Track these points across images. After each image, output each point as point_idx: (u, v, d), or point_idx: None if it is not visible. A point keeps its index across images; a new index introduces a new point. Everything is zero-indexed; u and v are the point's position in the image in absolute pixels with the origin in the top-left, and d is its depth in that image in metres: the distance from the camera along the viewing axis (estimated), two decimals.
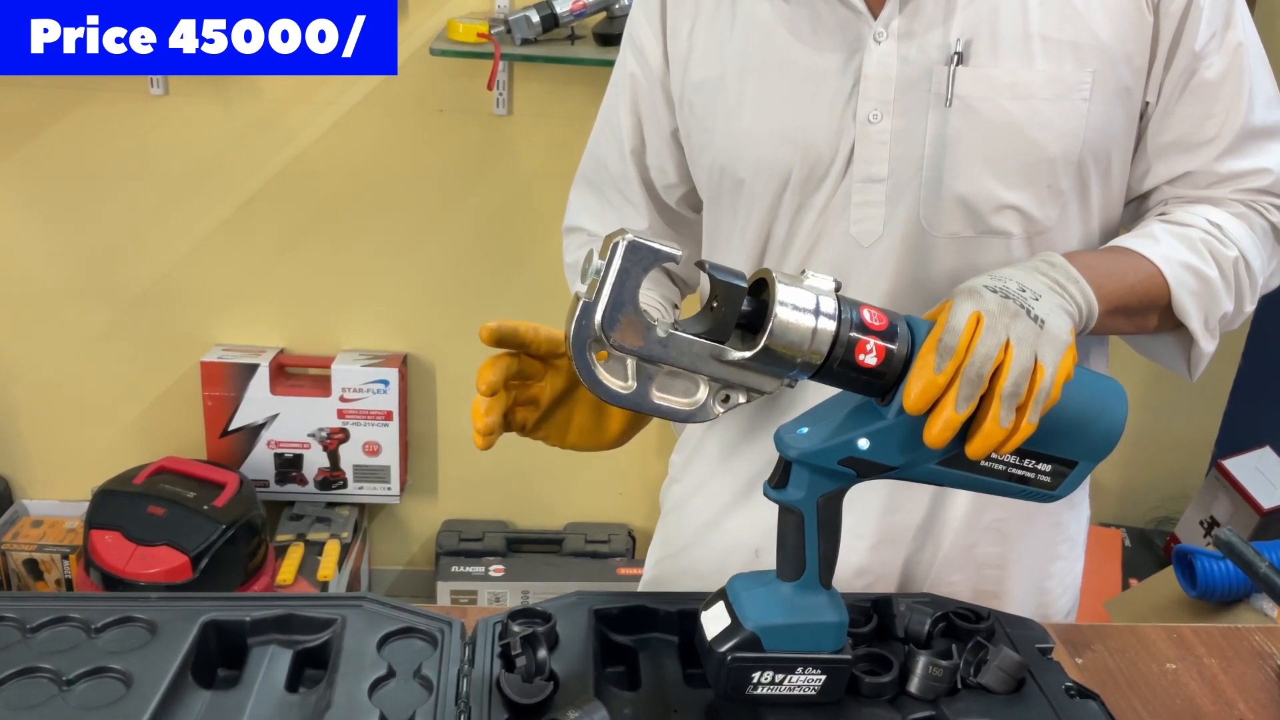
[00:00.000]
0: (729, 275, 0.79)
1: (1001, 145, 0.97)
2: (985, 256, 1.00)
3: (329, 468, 2.59)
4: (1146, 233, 1.01)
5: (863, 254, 1.01)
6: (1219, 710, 1.00)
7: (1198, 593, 1.83)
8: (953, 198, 0.98)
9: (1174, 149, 1.03)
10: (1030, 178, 0.98)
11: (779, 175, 1.02)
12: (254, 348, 2.55)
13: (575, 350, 0.78)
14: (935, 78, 0.96)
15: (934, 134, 0.97)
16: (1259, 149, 1.03)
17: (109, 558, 2.25)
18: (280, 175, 2.43)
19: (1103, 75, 0.97)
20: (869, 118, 0.98)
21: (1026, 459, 0.85)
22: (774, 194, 1.03)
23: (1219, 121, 1.02)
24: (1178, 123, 1.02)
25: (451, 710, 0.85)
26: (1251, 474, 2.43)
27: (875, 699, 0.89)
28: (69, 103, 2.34)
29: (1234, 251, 1.01)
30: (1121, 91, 0.99)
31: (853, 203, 1.00)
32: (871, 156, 0.99)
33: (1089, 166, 1.00)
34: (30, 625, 0.92)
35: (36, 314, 2.52)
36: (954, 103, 0.96)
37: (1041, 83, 0.96)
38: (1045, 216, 1.00)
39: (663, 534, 1.27)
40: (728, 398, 0.82)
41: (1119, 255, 0.99)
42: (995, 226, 0.99)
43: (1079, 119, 0.97)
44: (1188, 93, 1.00)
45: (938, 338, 0.79)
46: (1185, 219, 1.03)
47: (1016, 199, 0.98)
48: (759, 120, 1.02)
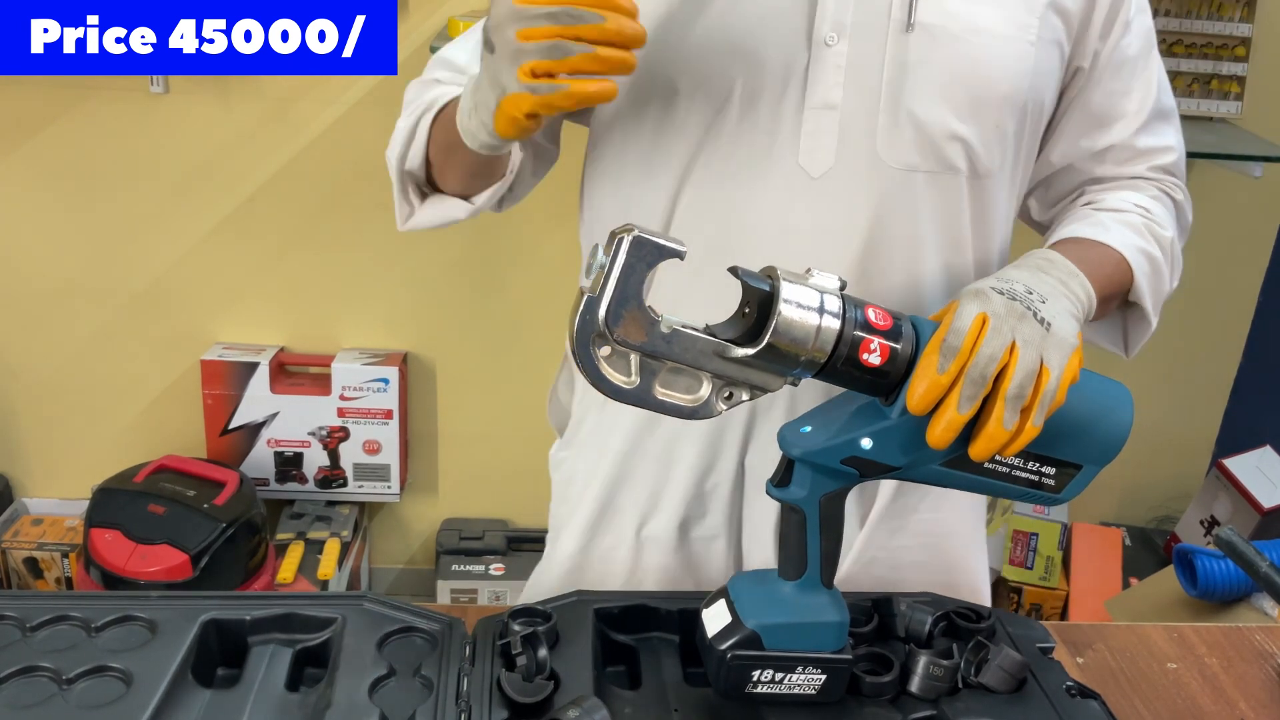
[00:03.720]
0: (758, 280, 0.79)
1: (957, 76, 0.96)
2: (934, 197, 0.99)
3: (329, 466, 2.59)
4: (1094, 222, 1.03)
5: (811, 186, 0.97)
6: (1220, 709, 1.00)
7: (1198, 592, 1.83)
8: (911, 125, 0.97)
9: (1097, 121, 1.06)
10: (980, 113, 0.98)
11: (720, 91, 0.96)
12: (254, 346, 2.55)
13: (579, 345, 0.77)
14: (896, 2, 0.95)
15: (894, 59, 0.96)
16: (1165, 128, 1.09)
17: (109, 556, 2.25)
18: (280, 174, 2.42)
19: (1046, 23, 0.98)
20: (825, 40, 0.95)
21: (1031, 461, 0.85)
22: (712, 111, 0.97)
23: (1138, 97, 1.06)
24: (1103, 95, 1.05)
25: (452, 709, 0.85)
26: (1252, 473, 2.43)
27: (876, 698, 0.89)
28: (69, 102, 2.34)
29: (1169, 232, 1.06)
30: (1056, 44, 1.00)
31: (803, 131, 0.96)
32: (827, 80, 0.96)
33: (1028, 113, 1.01)
34: (30, 624, 0.92)
35: (37, 312, 2.52)
36: (915, 29, 0.95)
37: (996, 19, 0.96)
38: (989, 157, 1.00)
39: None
40: (731, 395, 0.82)
41: (1089, 246, 1.00)
42: (947, 158, 0.98)
43: (1027, 61, 0.98)
44: (1112, 66, 1.04)
45: (942, 338, 0.79)
46: (1117, 205, 1.06)
47: (966, 132, 0.98)
48: (705, 29, 0.96)
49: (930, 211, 0.99)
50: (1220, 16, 2.39)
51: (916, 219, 0.99)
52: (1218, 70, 2.40)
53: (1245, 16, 2.39)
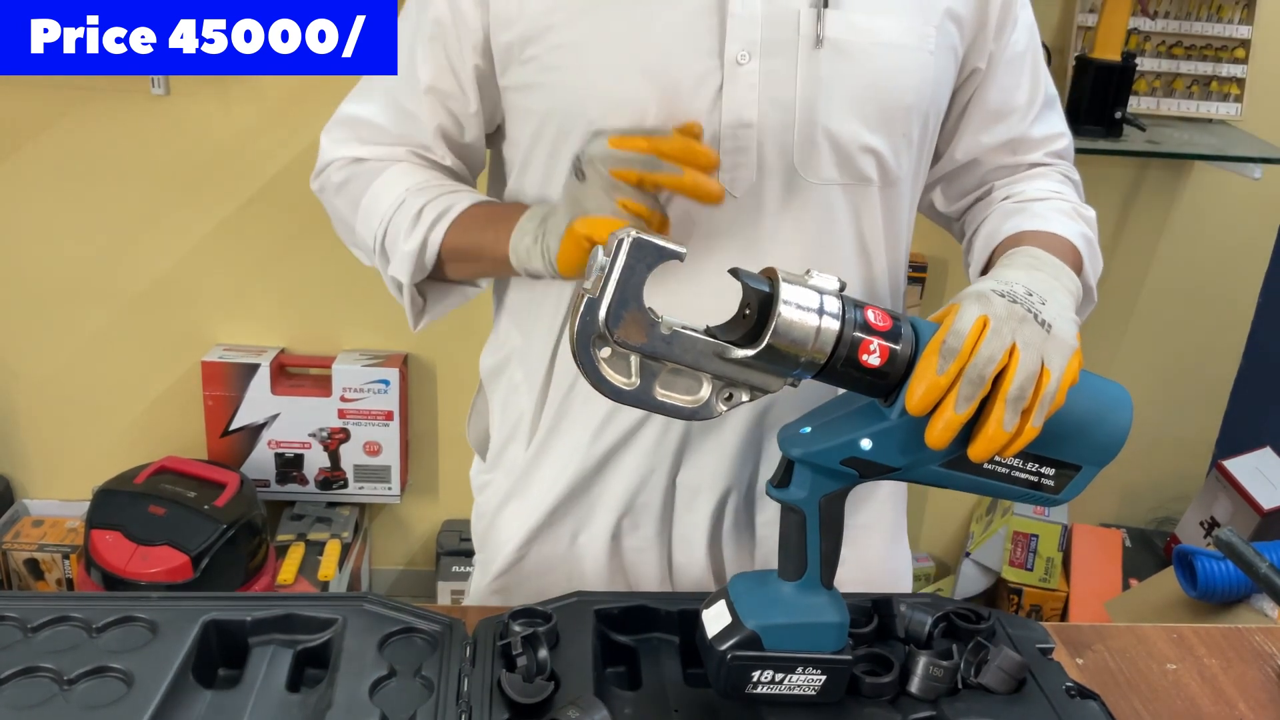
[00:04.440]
0: (757, 281, 0.79)
1: (867, 89, 0.98)
2: (849, 209, 1.01)
3: (330, 468, 2.59)
4: (1031, 214, 1.06)
5: (734, 204, 0.98)
6: (1219, 710, 1.00)
7: (1198, 593, 1.83)
8: (827, 140, 0.98)
9: (995, 116, 1.09)
10: (889, 124, 1.00)
11: (633, 115, 0.96)
12: (255, 348, 2.55)
13: (579, 346, 0.78)
14: (804, 19, 0.96)
15: (806, 75, 0.96)
16: (1053, 115, 1.14)
17: (110, 557, 2.25)
18: (281, 175, 2.43)
19: (943, 31, 1.00)
20: (737, 58, 0.95)
21: (1030, 462, 0.85)
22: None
23: (1027, 90, 1.10)
24: (998, 91, 1.08)
25: (452, 710, 0.85)
26: (1252, 474, 2.43)
27: (876, 699, 0.89)
28: (70, 103, 2.34)
29: (1091, 211, 1.10)
30: (951, 50, 1.02)
31: (723, 150, 0.97)
32: (742, 99, 0.96)
33: (929, 120, 1.04)
34: (31, 625, 0.92)
35: (37, 314, 2.52)
36: (825, 45, 0.96)
37: (899, 31, 0.98)
38: (898, 166, 1.02)
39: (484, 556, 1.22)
40: (731, 396, 0.82)
41: (1049, 238, 1.02)
42: (861, 170, 1.00)
43: (928, 70, 1.00)
44: (1004, 63, 1.07)
45: (942, 339, 0.79)
46: (1038, 194, 1.09)
47: (877, 143, 1.00)
48: (613, 53, 0.96)
49: (846, 224, 1.02)
50: (1220, 18, 2.39)
51: (834, 231, 1.01)
52: (1217, 72, 2.40)
53: (1245, 18, 2.39)
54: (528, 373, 1.12)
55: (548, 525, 1.14)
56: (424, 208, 1.04)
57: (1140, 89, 2.39)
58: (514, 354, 1.14)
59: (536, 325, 1.09)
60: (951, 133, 1.11)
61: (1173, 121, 2.41)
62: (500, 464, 1.18)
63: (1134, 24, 2.33)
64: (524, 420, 1.13)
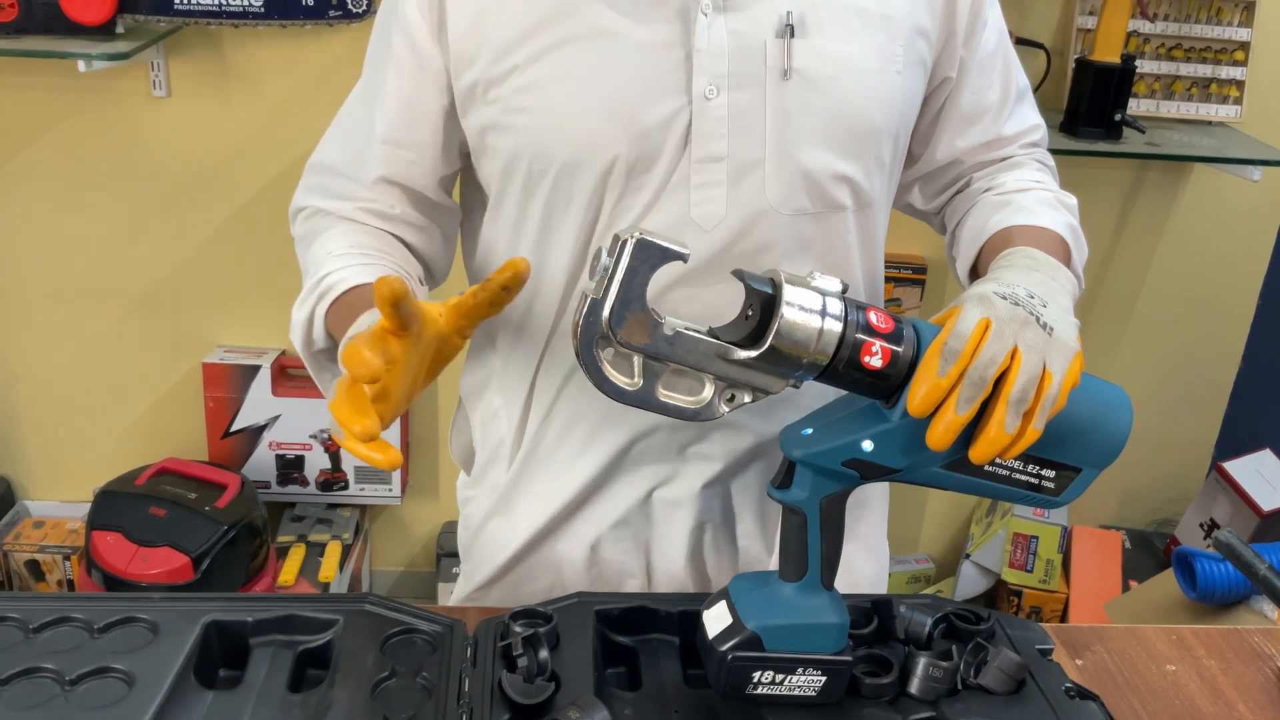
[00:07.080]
0: (760, 283, 0.79)
1: (837, 117, 0.97)
2: (823, 236, 1.01)
3: (330, 469, 2.59)
4: (1018, 208, 1.05)
5: (705, 238, 0.97)
6: (1219, 712, 1.00)
7: (1198, 595, 1.83)
8: (798, 171, 0.97)
9: (969, 120, 1.09)
10: (861, 149, 0.99)
11: (603, 157, 0.95)
12: (256, 349, 2.55)
13: (583, 346, 0.78)
14: (770, 51, 0.95)
15: (775, 107, 0.96)
16: (1025, 109, 1.14)
17: (110, 559, 2.25)
18: (282, 177, 2.43)
19: (910, 48, 1.00)
20: (705, 93, 0.94)
21: (1030, 464, 0.85)
22: (598, 177, 0.96)
23: (999, 89, 1.10)
24: (970, 93, 1.08)
25: (453, 710, 0.85)
26: (1251, 476, 2.43)
27: (876, 700, 0.89)
28: (71, 104, 2.34)
29: (1072, 199, 1.10)
30: (920, 64, 1.02)
31: (692, 185, 0.96)
32: (712, 133, 0.95)
33: (900, 138, 1.04)
34: (32, 625, 0.92)
35: (38, 315, 2.52)
36: (792, 75, 0.95)
37: (865, 55, 0.97)
38: (871, 189, 1.02)
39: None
40: (733, 397, 0.82)
41: (1040, 233, 1.02)
42: (833, 198, 0.99)
43: (896, 91, 1.00)
44: (975, 65, 1.07)
45: (944, 341, 0.79)
46: (1020, 185, 1.09)
47: (849, 170, 0.99)
48: (578, 95, 0.95)
49: (822, 250, 1.01)
50: (1219, 21, 2.39)
51: (808, 259, 1.00)
52: (1217, 74, 2.41)
53: (1244, 21, 2.39)
54: (507, 399, 1.12)
55: (531, 546, 1.15)
56: (325, 276, 1.00)
57: (1140, 91, 2.39)
58: (493, 376, 1.14)
59: (515, 349, 1.09)
60: (926, 136, 1.10)
61: (1172, 124, 2.41)
62: (483, 483, 1.19)
63: (1134, 26, 2.33)
64: (504, 445, 1.14)
